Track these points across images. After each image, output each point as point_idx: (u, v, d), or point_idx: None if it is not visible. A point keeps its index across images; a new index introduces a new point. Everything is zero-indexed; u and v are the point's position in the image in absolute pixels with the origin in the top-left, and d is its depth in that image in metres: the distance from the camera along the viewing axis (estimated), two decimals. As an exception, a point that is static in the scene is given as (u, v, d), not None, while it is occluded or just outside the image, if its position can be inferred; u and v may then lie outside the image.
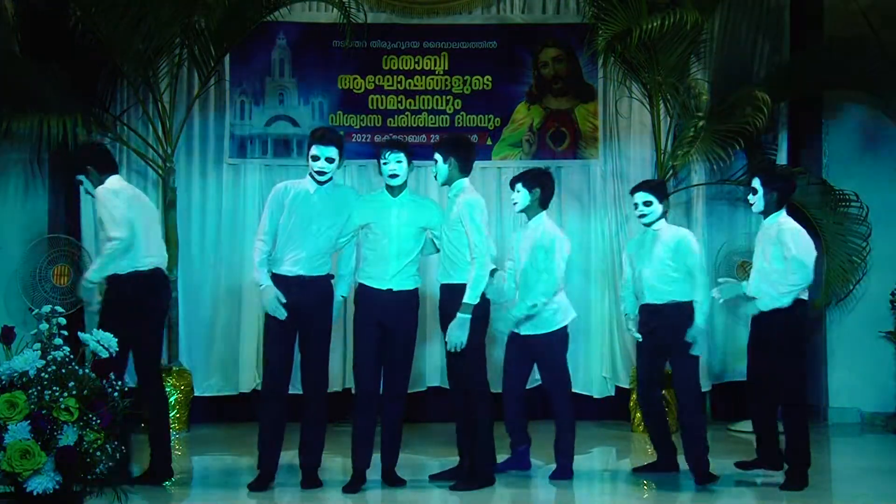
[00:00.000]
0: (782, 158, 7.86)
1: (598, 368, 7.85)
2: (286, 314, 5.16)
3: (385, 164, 5.30)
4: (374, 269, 5.27)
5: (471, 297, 5.14)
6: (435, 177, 5.46)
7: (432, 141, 7.70)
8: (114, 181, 5.43)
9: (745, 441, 7.09)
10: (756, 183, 5.59)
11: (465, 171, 5.39)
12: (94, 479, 3.69)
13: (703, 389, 7.74)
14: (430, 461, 6.08)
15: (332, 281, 5.37)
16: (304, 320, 5.24)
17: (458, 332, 5.15)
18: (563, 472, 5.60)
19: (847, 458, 6.68)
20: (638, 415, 7.32)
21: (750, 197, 5.68)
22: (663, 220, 5.78)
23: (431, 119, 7.87)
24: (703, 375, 7.78)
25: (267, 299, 5.20)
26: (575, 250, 7.87)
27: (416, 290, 5.35)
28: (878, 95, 7.51)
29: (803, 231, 5.51)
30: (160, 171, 7.41)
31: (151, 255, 5.40)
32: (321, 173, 5.26)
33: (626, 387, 7.61)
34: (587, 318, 7.79)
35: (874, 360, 7.70)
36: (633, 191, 5.86)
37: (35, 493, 3.58)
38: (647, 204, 5.70)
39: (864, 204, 7.55)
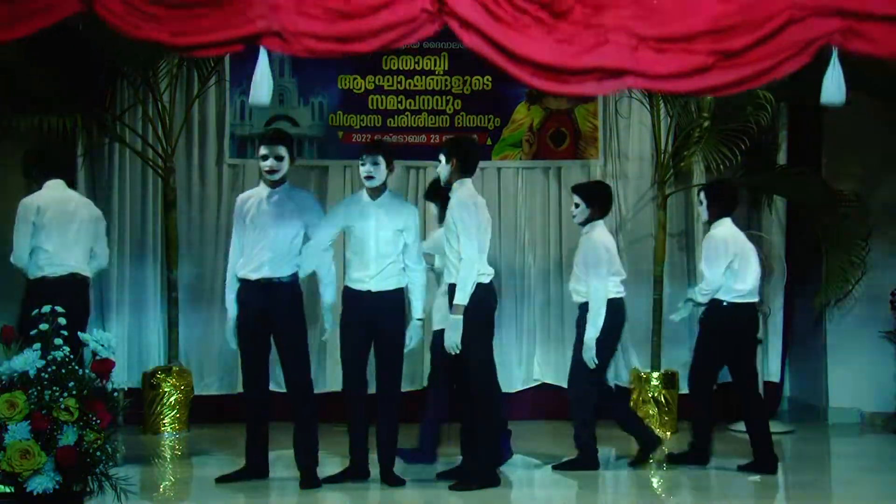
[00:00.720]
0: (782, 158, 7.87)
1: (598, 368, 7.85)
2: (235, 347, 5.40)
3: (362, 165, 5.32)
4: (356, 271, 5.30)
5: (459, 298, 5.14)
6: (439, 177, 5.49)
7: (432, 141, 7.72)
8: (48, 186, 5.86)
9: (745, 441, 7.09)
10: (702, 195, 6.06)
11: (468, 172, 5.40)
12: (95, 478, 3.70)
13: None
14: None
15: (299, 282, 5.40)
16: (273, 323, 5.28)
17: (451, 333, 5.16)
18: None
19: (847, 458, 6.69)
20: (638, 414, 7.32)
21: (698, 206, 6.17)
22: (594, 223, 5.94)
23: (431, 119, 7.87)
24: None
25: (227, 328, 5.42)
26: (574, 250, 7.93)
27: (399, 289, 5.34)
28: (878, 96, 7.50)
29: (720, 241, 5.87)
30: (160, 171, 7.40)
31: (65, 262, 5.73)
32: (271, 172, 5.28)
33: (627, 386, 7.61)
34: (587, 319, 7.79)
35: (874, 360, 7.69)
36: (572, 189, 6.25)
37: (35, 493, 3.58)
38: (576, 206, 5.98)
39: (864, 204, 7.55)
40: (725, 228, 5.95)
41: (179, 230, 7.46)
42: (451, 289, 5.29)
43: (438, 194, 5.85)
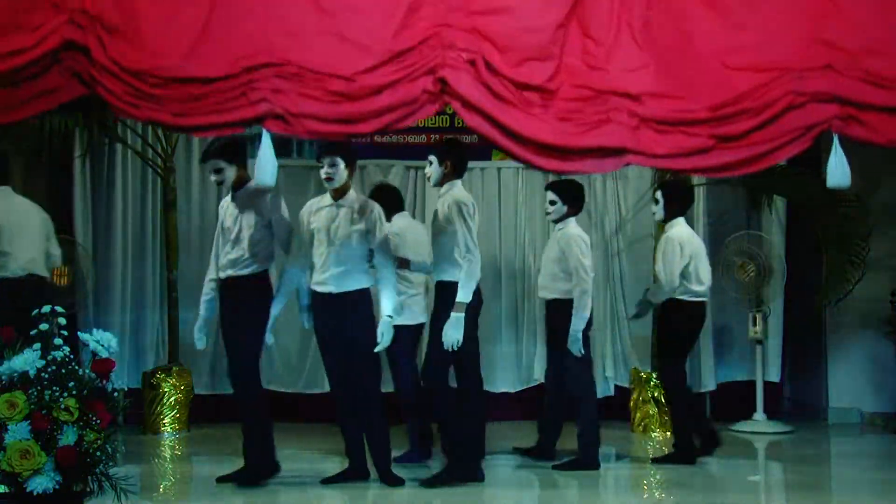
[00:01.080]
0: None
1: (598, 368, 7.85)
2: (200, 346, 5.54)
3: (321, 168, 5.33)
4: (318, 274, 5.31)
5: (463, 296, 5.16)
6: (428, 178, 5.49)
7: (432, 141, 7.71)
8: None
9: (745, 441, 7.10)
10: (658, 195, 6.15)
11: (460, 173, 5.44)
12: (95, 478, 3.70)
13: (705, 390, 7.82)
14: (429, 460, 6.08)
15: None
16: (228, 322, 5.34)
17: (453, 331, 5.16)
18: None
19: (847, 458, 6.69)
20: (638, 414, 7.34)
21: (653, 206, 6.24)
22: (569, 220, 5.98)
23: (431, 119, 7.85)
24: (706, 376, 7.85)
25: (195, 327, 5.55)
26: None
27: (362, 290, 5.27)
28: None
29: (677, 243, 5.98)
30: (160, 171, 7.41)
31: (24, 263, 6.09)
32: (219, 184, 5.45)
33: (627, 386, 7.62)
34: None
35: (874, 360, 7.70)
36: (546, 187, 6.29)
37: (35, 493, 3.58)
38: (552, 203, 5.99)
39: (864, 204, 7.55)
40: (681, 229, 6.07)
41: (179, 230, 7.47)
42: (441, 286, 5.33)
43: (381, 199, 5.83)
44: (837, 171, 4.48)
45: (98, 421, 3.70)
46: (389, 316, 5.22)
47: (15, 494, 3.61)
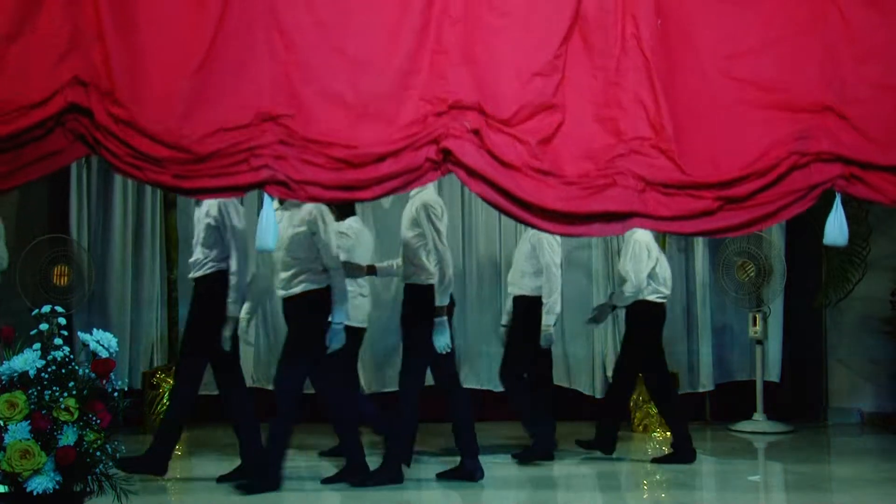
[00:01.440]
0: (782, 158, 7.86)
1: (598, 368, 7.84)
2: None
3: None
4: (275, 278, 5.38)
5: (441, 300, 5.24)
6: None
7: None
8: None
9: (745, 441, 7.10)
10: None
11: None
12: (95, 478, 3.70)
13: (704, 390, 7.82)
14: (429, 460, 6.09)
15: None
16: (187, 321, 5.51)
17: (441, 336, 5.23)
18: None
19: (847, 459, 6.69)
20: (638, 414, 7.34)
21: None
22: None
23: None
24: (705, 376, 7.84)
25: None
26: (576, 250, 7.94)
27: (309, 292, 5.25)
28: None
29: (644, 245, 6.06)
30: (160, 171, 7.40)
31: None
32: None
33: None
34: (587, 318, 7.79)
35: (874, 360, 7.70)
36: None
37: (35, 493, 3.58)
38: None
39: (863, 204, 7.55)
40: (645, 233, 6.08)
41: (179, 230, 7.46)
42: (409, 289, 5.38)
43: (330, 203, 5.83)
44: (835, 229, 4.48)
45: (98, 421, 3.70)
46: (339, 324, 5.23)
47: (15, 494, 3.61)
